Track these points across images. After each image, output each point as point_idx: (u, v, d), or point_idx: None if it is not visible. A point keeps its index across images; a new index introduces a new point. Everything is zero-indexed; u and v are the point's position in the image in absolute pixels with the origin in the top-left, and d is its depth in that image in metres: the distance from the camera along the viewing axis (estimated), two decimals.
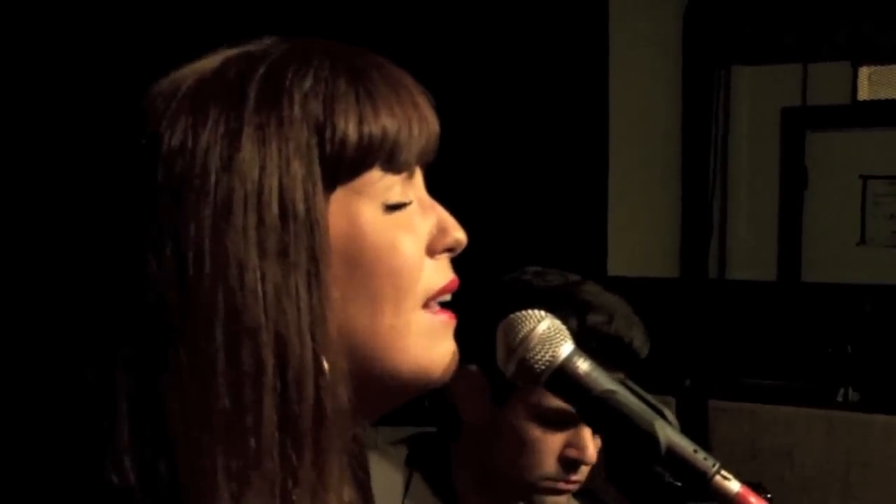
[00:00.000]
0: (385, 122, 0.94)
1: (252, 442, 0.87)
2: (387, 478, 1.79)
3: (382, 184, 0.94)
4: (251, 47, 0.97)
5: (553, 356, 1.10)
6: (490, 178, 4.58)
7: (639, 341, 1.74)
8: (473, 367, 1.76)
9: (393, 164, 0.95)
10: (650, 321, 1.79)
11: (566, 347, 1.11)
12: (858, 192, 4.42)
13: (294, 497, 0.89)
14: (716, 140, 4.59)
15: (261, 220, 0.89)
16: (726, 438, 4.30)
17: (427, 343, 0.97)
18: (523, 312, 1.12)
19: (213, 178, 0.89)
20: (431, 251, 0.98)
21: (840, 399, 4.33)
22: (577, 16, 4.65)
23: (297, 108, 0.91)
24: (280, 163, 0.90)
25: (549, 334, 1.11)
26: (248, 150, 0.90)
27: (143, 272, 0.89)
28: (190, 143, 0.90)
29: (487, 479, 1.79)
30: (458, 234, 0.99)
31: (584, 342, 1.61)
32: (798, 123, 4.51)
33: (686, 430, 1.13)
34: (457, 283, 1.00)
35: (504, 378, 1.14)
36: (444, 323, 0.99)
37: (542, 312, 1.12)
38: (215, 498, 0.86)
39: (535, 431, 1.73)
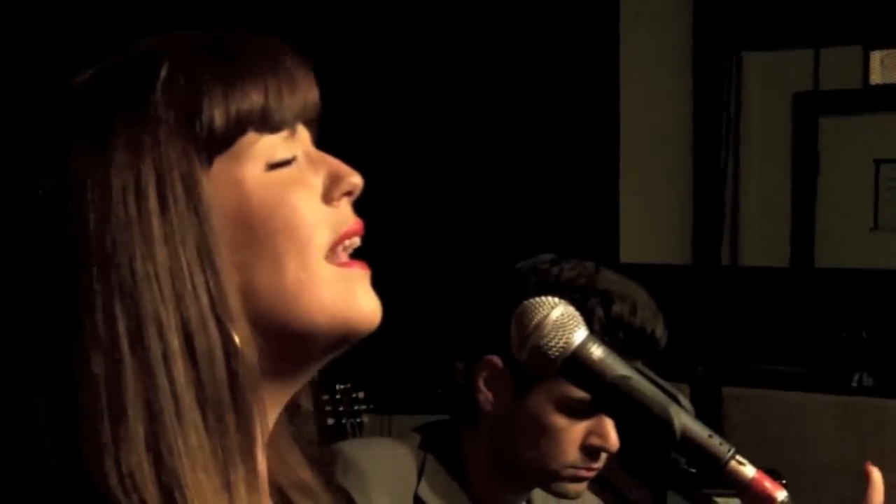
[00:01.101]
0: (251, 92, 0.94)
1: (173, 419, 0.88)
2: (397, 471, 1.80)
3: (262, 144, 0.95)
4: (88, 73, 0.98)
5: (567, 342, 1.10)
6: (503, 167, 4.58)
7: (660, 331, 1.76)
8: (494, 358, 1.77)
9: (267, 125, 0.95)
10: (663, 308, 1.80)
11: (580, 334, 1.11)
12: (871, 177, 4.40)
13: (227, 462, 0.90)
14: (727, 126, 4.58)
15: (140, 209, 0.90)
16: (740, 425, 4.29)
17: (341, 290, 0.96)
18: (537, 299, 1.13)
19: (90, 180, 0.91)
20: (328, 199, 0.97)
21: (854, 385, 4.32)
22: (587, 3, 4.65)
23: (160, 99, 0.92)
24: (153, 153, 0.91)
25: (563, 321, 1.11)
26: (120, 155, 0.91)
27: (42, 274, 0.91)
28: (73, 184, 0.92)
29: (503, 465, 1.80)
30: (354, 179, 0.99)
31: (611, 332, 1.64)
32: (810, 108, 4.50)
33: (699, 416, 1.13)
34: (361, 225, 0.99)
35: (526, 368, 1.14)
36: (357, 273, 0.98)
37: (556, 299, 1.12)
38: (139, 478, 0.87)
39: (559, 421, 1.74)
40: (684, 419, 1.11)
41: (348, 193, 0.99)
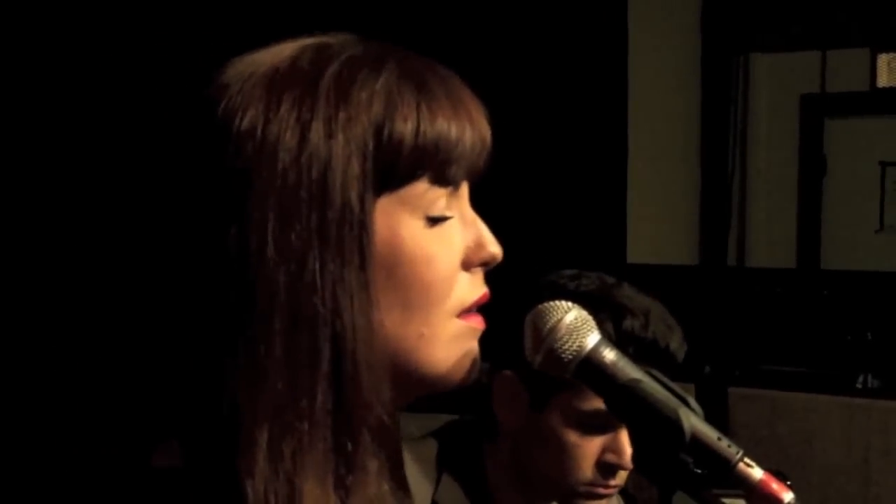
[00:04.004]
0: (440, 132, 0.95)
1: (305, 425, 0.89)
2: (416, 473, 1.79)
3: (428, 197, 0.96)
4: (327, 40, 0.98)
5: (580, 346, 1.12)
6: (510, 168, 4.58)
7: (675, 344, 1.74)
8: (509, 373, 1.76)
9: (442, 176, 0.97)
10: (670, 309, 1.79)
11: (593, 337, 1.12)
12: (877, 179, 4.41)
13: (348, 483, 0.91)
14: (735, 127, 4.59)
15: (322, 214, 0.91)
16: (746, 425, 4.30)
17: (454, 352, 0.99)
18: (551, 303, 1.14)
19: (280, 166, 0.91)
20: (467, 265, 1.00)
21: (860, 386, 4.33)
22: (596, 5, 4.66)
23: (362, 107, 0.93)
24: (343, 159, 0.92)
25: (577, 324, 1.12)
26: (315, 143, 0.92)
27: (207, 255, 0.91)
28: (261, 128, 0.92)
29: (525, 480, 1.79)
30: (494, 249, 1.01)
31: (622, 346, 1.62)
32: (817, 110, 4.51)
33: (706, 417, 1.14)
34: (487, 296, 1.02)
35: (540, 384, 1.15)
36: (472, 328, 1.01)
37: (569, 303, 1.14)
38: (256, 476, 0.87)
39: (574, 436, 1.73)
40: (694, 422, 1.13)
41: (485, 263, 1.02)
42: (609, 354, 1.13)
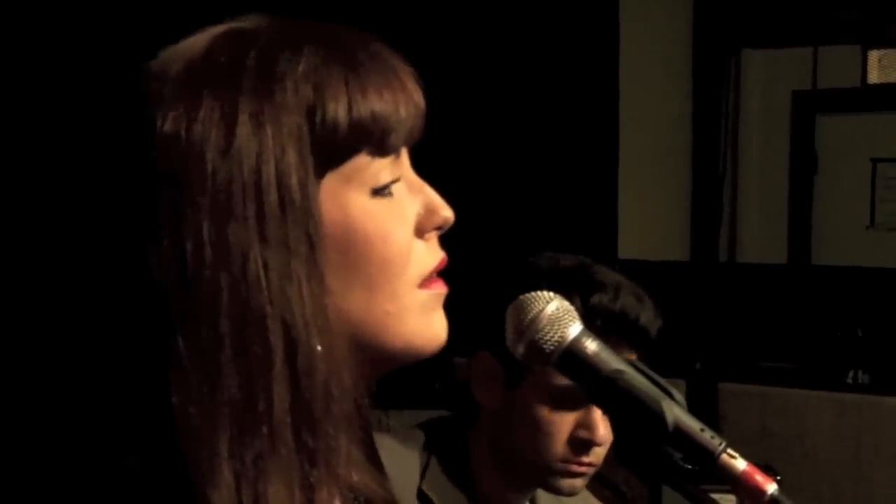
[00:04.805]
0: (374, 106, 0.93)
1: (265, 429, 0.87)
2: (403, 462, 1.79)
3: (371, 169, 0.94)
4: (240, 26, 0.96)
5: (562, 337, 1.11)
6: (502, 164, 4.59)
7: (646, 318, 1.72)
8: (486, 353, 1.76)
9: (382, 147, 0.95)
10: (661, 304, 1.79)
11: (575, 328, 1.12)
12: (868, 176, 4.42)
13: (312, 479, 0.89)
14: (726, 123, 4.60)
15: (260, 209, 0.89)
16: (737, 421, 4.31)
17: (422, 321, 0.97)
18: (532, 294, 1.14)
19: (210, 166, 0.89)
20: (420, 232, 0.98)
21: (850, 381, 4.34)
22: (588, 1, 4.66)
23: (289, 94, 0.91)
24: (275, 150, 0.90)
25: (558, 315, 1.12)
26: (243, 137, 0.89)
27: (143, 262, 0.88)
28: (184, 131, 0.89)
29: (506, 464, 1.79)
30: (446, 213, 0.99)
31: (589, 320, 1.59)
32: (808, 107, 4.51)
33: (696, 413, 1.14)
34: (446, 261, 1.00)
35: (515, 361, 1.14)
36: (436, 294, 0.99)
37: (551, 294, 1.14)
38: (220, 486, 0.85)
39: (546, 412, 1.73)
40: (677, 413, 1.12)
41: (439, 228, 1.00)
42: (591, 345, 1.13)
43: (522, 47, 4.58)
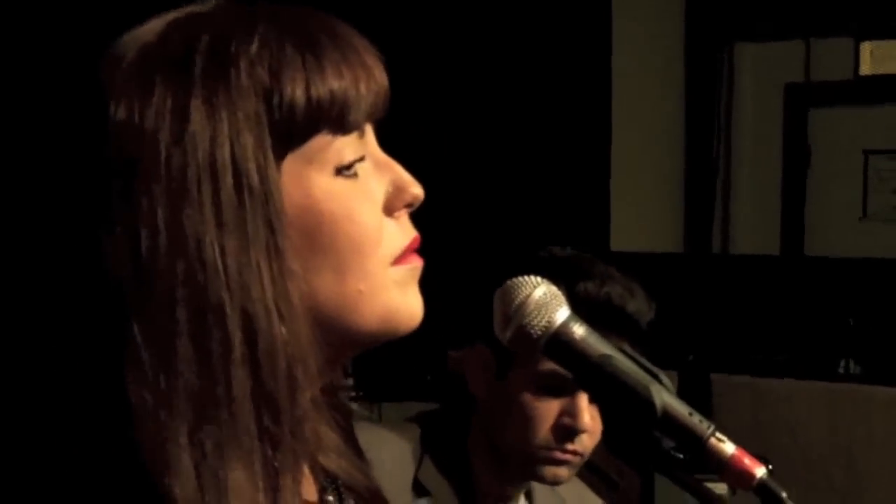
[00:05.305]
0: (332, 85, 0.91)
1: (225, 416, 0.86)
2: (400, 453, 1.80)
3: (333, 148, 0.92)
4: (194, 10, 0.94)
5: (549, 322, 1.11)
6: (495, 157, 4.59)
7: (633, 306, 1.72)
8: (480, 345, 1.77)
9: (343, 125, 0.92)
10: (654, 296, 1.79)
11: (562, 313, 1.11)
12: (860, 167, 4.43)
13: (276, 464, 0.88)
14: (719, 116, 4.60)
15: (216, 194, 0.87)
16: (729, 412, 4.32)
17: (396, 299, 0.95)
18: (519, 279, 1.13)
19: (163, 153, 0.87)
20: (390, 210, 0.96)
21: (842, 372, 4.35)
22: None
23: (244, 77, 0.89)
24: (231, 133, 0.88)
25: (546, 300, 1.11)
26: (197, 123, 0.88)
27: (97, 251, 0.87)
28: (137, 117, 0.88)
29: (498, 456, 1.80)
30: (415, 190, 0.97)
31: (576, 308, 1.59)
32: (801, 99, 4.52)
33: (689, 404, 1.13)
34: (418, 239, 0.98)
35: (506, 351, 1.14)
36: (411, 269, 0.97)
37: (538, 279, 1.13)
38: (180, 473, 0.84)
39: (531, 399, 1.73)
40: (665, 397, 1.12)
41: (409, 205, 0.97)
42: (579, 330, 1.12)
43: (515, 41, 4.58)
